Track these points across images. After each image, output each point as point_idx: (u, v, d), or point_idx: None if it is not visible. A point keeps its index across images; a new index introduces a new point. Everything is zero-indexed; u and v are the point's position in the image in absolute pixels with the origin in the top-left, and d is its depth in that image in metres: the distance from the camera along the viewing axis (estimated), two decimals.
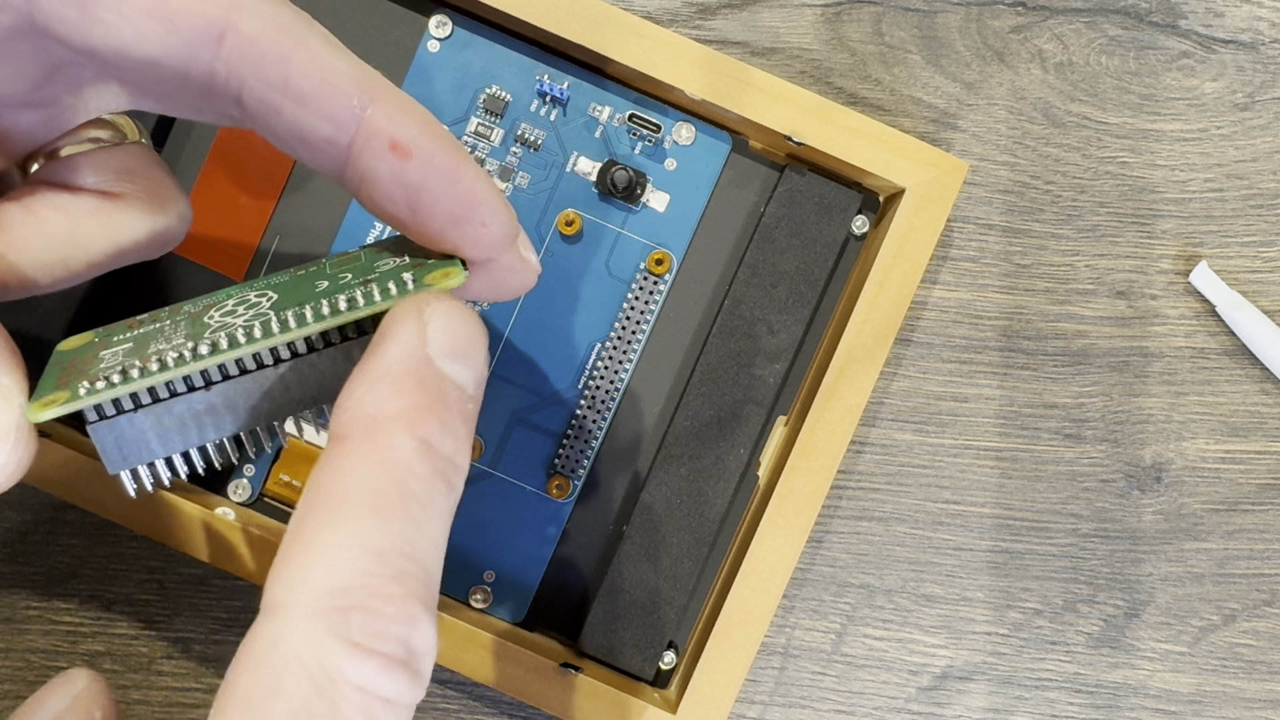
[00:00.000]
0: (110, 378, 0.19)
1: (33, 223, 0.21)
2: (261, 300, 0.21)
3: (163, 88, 0.20)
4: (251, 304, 0.21)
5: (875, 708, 0.33)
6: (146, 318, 0.22)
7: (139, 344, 0.21)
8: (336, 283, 0.21)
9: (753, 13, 0.33)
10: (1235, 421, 0.33)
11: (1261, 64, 0.33)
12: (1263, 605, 0.33)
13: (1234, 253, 0.33)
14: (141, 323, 0.22)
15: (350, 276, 0.21)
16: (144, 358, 0.20)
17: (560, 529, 0.32)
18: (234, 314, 0.21)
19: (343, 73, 0.19)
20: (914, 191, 0.30)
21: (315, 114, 0.19)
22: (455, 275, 0.20)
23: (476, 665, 0.30)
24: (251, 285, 0.22)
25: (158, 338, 0.21)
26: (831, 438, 0.30)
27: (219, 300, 0.22)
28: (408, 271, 0.20)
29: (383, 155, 0.19)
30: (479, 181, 0.20)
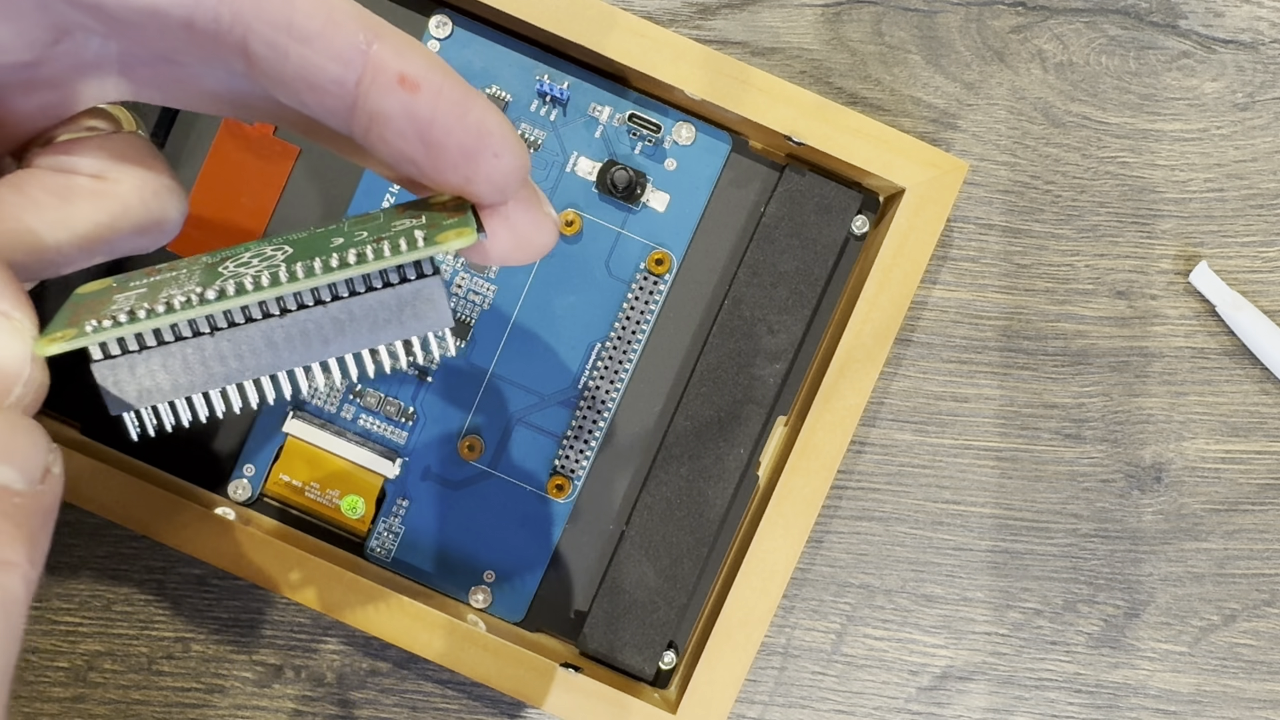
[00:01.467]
0: (117, 317, 0.19)
1: (24, 204, 0.20)
2: (276, 253, 0.21)
3: (168, 48, 0.20)
4: (267, 256, 0.21)
5: (875, 708, 0.33)
6: (165, 266, 0.22)
7: (153, 289, 0.21)
8: (351, 239, 0.21)
9: (753, 13, 0.33)
10: (1235, 421, 0.33)
11: (1261, 64, 0.33)
12: (1263, 605, 0.33)
13: (1234, 253, 0.33)
14: (159, 270, 0.22)
15: (365, 234, 0.21)
16: (154, 301, 0.20)
17: (560, 529, 0.32)
18: (248, 265, 0.21)
19: (345, 11, 0.19)
20: (914, 191, 0.30)
21: (322, 53, 0.19)
22: (468, 234, 0.20)
23: (476, 665, 0.30)
24: (269, 240, 0.22)
25: (171, 284, 0.21)
26: (831, 438, 0.30)
27: (236, 253, 0.22)
28: (420, 230, 0.20)
29: (392, 90, 0.19)
30: (489, 112, 0.19)
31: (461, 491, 0.32)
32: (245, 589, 0.33)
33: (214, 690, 0.33)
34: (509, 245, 0.21)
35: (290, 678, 0.33)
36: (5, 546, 0.17)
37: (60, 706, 0.33)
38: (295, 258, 0.21)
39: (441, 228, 0.20)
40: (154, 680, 0.33)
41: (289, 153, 0.32)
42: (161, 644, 0.33)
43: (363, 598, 0.30)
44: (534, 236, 0.21)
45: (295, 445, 0.31)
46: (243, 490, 0.32)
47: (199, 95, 0.21)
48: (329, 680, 0.33)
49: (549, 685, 0.30)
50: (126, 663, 0.33)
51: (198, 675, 0.33)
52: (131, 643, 0.33)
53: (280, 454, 0.31)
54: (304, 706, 0.33)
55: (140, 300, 0.20)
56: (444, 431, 0.32)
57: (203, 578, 0.33)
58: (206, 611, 0.33)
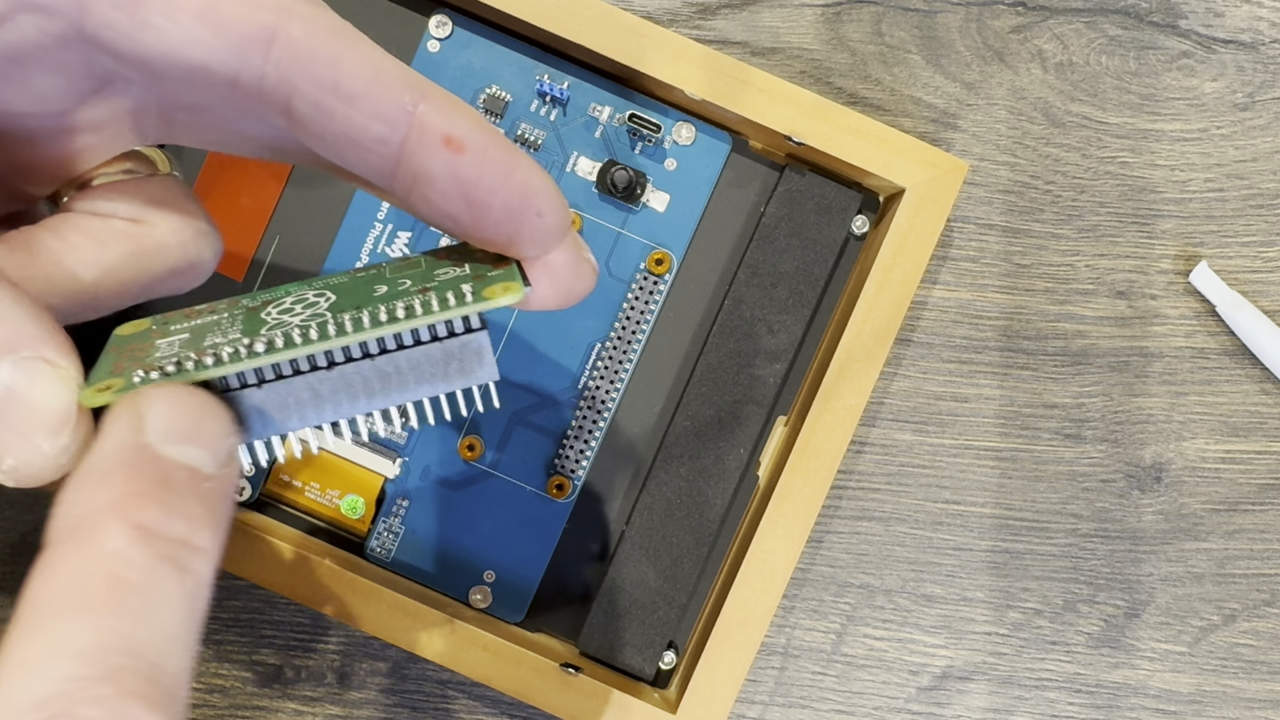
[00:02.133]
0: (165, 368, 0.19)
1: (63, 249, 0.20)
2: (319, 300, 0.21)
3: (210, 101, 0.20)
4: (309, 303, 0.21)
5: (875, 708, 0.33)
6: (205, 308, 0.22)
7: (195, 335, 0.21)
8: (395, 288, 0.21)
9: (753, 13, 0.33)
10: (1235, 421, 0.33)
11: (1261, 64, 0.33)
12: (1263, 605, 0.33)
13: (1234, 253, 0.33)
14: (199, 313, 0.22)
15: (409, 283, 0.21)
16: (199, 351, 0.20)
17: (560, 529, 0.32)
18: (291, 312, 0.21)
19: (391, 72, 0.19)
20: (914, 191, 0.30)
21: (367, 113, 0.19)
22: (515, 289, 0.20)
23: (476, 665, 0.30)
24: (309, 284, 0.22)
25: (214, 330, 0.21)
26: (831, 438, 0.30)
27: (277, 297, 0.22)
28: (467, 283, 0.20)
29: (437, 151, 0.19)
30: (533, 172, 0.19)
31: (461, 491, 0.32)
32: (245, 589, 0.33)
33: (214, 690, 0.33)
34: (551, 295, 0.21)
35: (290, 678, 0.33)
36: (197, 531, 0.18)
37: None
38: (340, 307, 0.20)
39: (488, 280, 0.20)
40: None
41: None
42: None
43: (363, 598, 0.30)
44: (575, 284, 0.21)
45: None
46: (243, 490, 0.32)
47: (235, 140, 0.21)
48: (329, 680, 0.33)
49: (549, 685, 0.30)
50: None
51: (198, 675, 0.33)
52: None
53: None
54: (304, 706, 0.33)
55: (185, 348, 0.20)
56: (444, 431, 0.32)
57: None
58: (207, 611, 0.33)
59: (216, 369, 0.19)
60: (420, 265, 0.22)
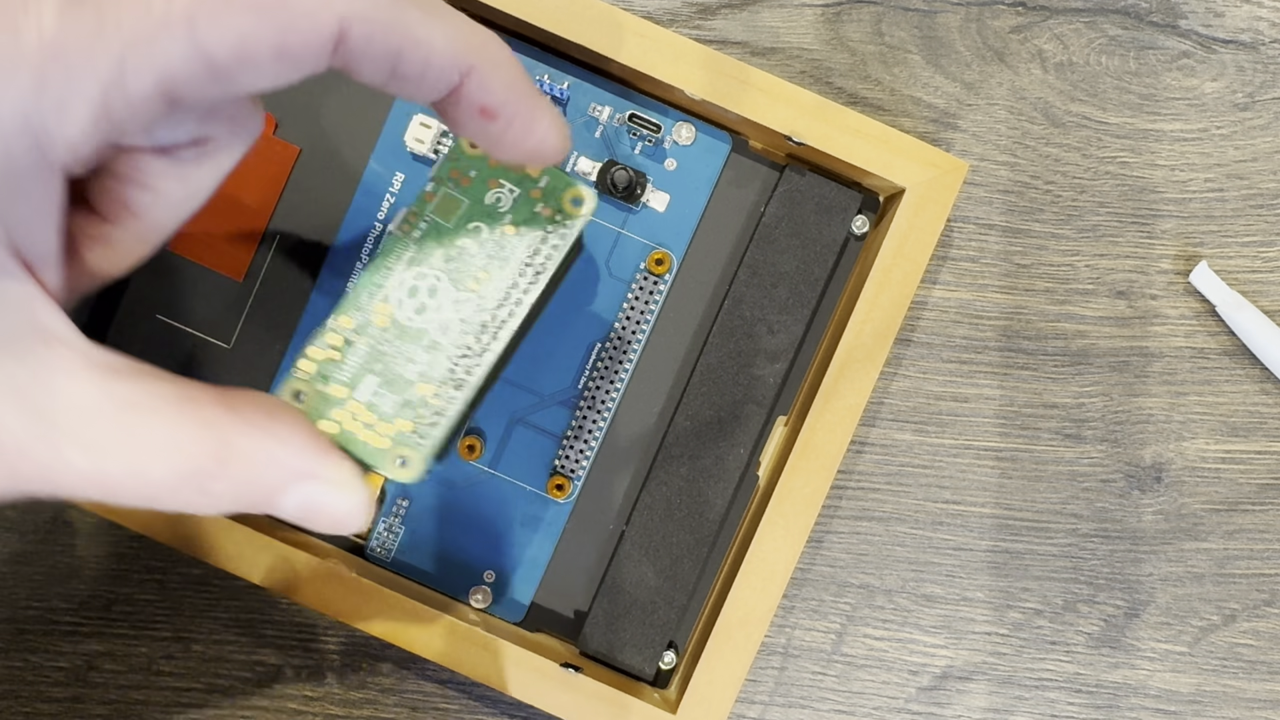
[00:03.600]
0: (419, 446, 0.23)
1: (153, 200, 0.21)
2: (437, 280, 0.24)
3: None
4: (432, 285, 0.24)
5: (875, 708, 0.33)
6: (332, 348, 0.24)
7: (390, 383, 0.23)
8: (494, 229, 0.24)
9: (753, 13, 0.33)
10: (1235, 421, 0.33)
11: (1261, 64, 0.33)
12: (1263, 605, 0.33)
13: (1234, 253, 0.33)
14: (340, 351, 0.24)
15: (485, 230, 0.24)
16: (422, 418, 0.23)
17: (560, 529, 0.32)
18: (424, 309, 0.23)
19: (443, 52, 0.20)
20: (914, 191, 0.30)
21: (417, 90, 0.21)
22: (589, 202, 0.25)
23: (476, 665, 0.30)
24: (382, 268, 0.24)
25: (397, 360, 0.23)
26: (831, 438, 0.30)
27: (376, 289, 0.24)
28: (541, 204, 0.24)
29: (472, 116, 0.22)
30: (551, 128, 0.22)
31: (461, 491, 0.32)
32: (245, 589, 0.33)
33: (214, 690, 0.33)
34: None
35: (290, 678, 0.33)
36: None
37: (60, 706, 0.33)
38: (461, 277, 0.24)
39: (549, 196, 0.24)
40: (154, 680, 0.33)
41: (289, 153, 0.32)
42: (161, 644, 0.33)
43: (363, 598, 0.30)
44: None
45: None
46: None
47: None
48: (329, 680, 0.33)
49: (549, 685, 0.30)
50: (126, 663, 0.33)
51: (198, 675, 0.33)
52: (131, 643, 0.33)
53: None
54: (304, 706, 0.33)
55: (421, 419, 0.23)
56: None
57: (203, 578, 0.33)
58: (206, 611, 0.33)
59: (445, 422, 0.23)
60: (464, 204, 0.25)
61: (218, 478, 0.19)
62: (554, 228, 0.24)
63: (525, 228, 0.24)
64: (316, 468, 0.20)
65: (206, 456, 0.19)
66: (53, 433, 0.18)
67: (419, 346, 0.23)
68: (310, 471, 0.20)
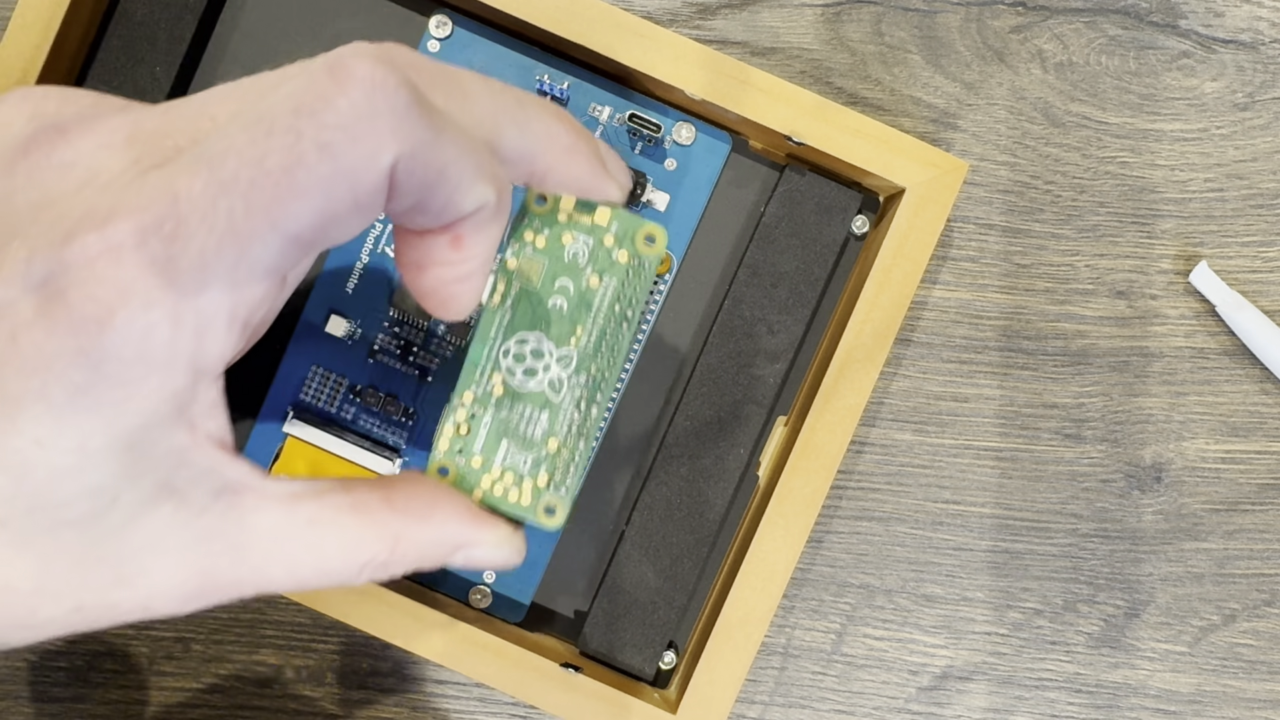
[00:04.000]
0: (561, 496, 0.26)
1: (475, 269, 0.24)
2: (539, 343, 0.26)
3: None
4: (535, 348, 0.26)
5: (875, 708, 0.33)
6: (460, 424, 0.26)
7: (520, 444, 0.26)
8: (579, 282, 0.26)
9: (753, 13, 0.33)
10: (1235, 421, 0.33)
11: (1261, 64, 0.33)
12: (1263, 605, 0.33)
13: (1234, 253, 0.33)
14: (468, 425, 0.26)
15: (571, 285, 0.26)
16: (553, 464, 0.25)
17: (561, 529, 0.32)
18: (533, 372, 0.26)
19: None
20: (914, 191, 0.30)
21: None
22: (660, 238, 0.25)
23: (476, 665, 0.30)
24: (485, 339, 0.26)
25: (521, 423, 0.26)
26: (831, 438, 0.30)
27: (486, 362, 0.26)
28: (616, 250, 0.26)
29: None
30: (613, 192, 0.24)
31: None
32: None
33: (214, 690, 0.33)
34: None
35: (290, 678, 0.33)
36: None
37: (60, 706, 0.33)
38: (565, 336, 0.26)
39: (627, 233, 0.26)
40: (154, 680, 0.33)
41: None
42: (161, 644, 0.33)
43: (363, 598, 0.30)
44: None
45: (295, 445, 0.31)
46: None
47: None
48: (329, 680, 0.33)
49: (549, 685, 0.30)
50: (126, 663, 0.33)
51: (198, 675, 0.33)
52: (131, 643, 0.33)
53: (280, 454, 0.31)
54: (304, 706, 0.33)
55: (556, 471, 0.26)
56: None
57: None
58: (206, 611, 0.33)
59: (580, 472, 0.26)
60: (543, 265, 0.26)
61: (392, 565, 0.23)
62: (633, 270, 0.26)
63: (607, 275, 0.26)
64: (474, 537, 0.24)
65: (382, 551, 0.23)
66: (253, 560, 0.22)
67: (537, 407, 0.26)
68: (469, 541, 0.24)
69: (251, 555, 0.22)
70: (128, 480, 0.20)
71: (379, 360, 0.32)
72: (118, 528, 0.20)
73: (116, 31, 0.31)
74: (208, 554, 0.21)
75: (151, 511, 0.20)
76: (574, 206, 0.26)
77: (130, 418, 0.19)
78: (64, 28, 0.30)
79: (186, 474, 0.21)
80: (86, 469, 0.19)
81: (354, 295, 0.32)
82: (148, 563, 0.21)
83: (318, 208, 0.19)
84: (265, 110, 0.19)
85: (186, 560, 0.21)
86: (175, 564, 0.21)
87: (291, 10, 0.32)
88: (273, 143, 0.19)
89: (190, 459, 0.21)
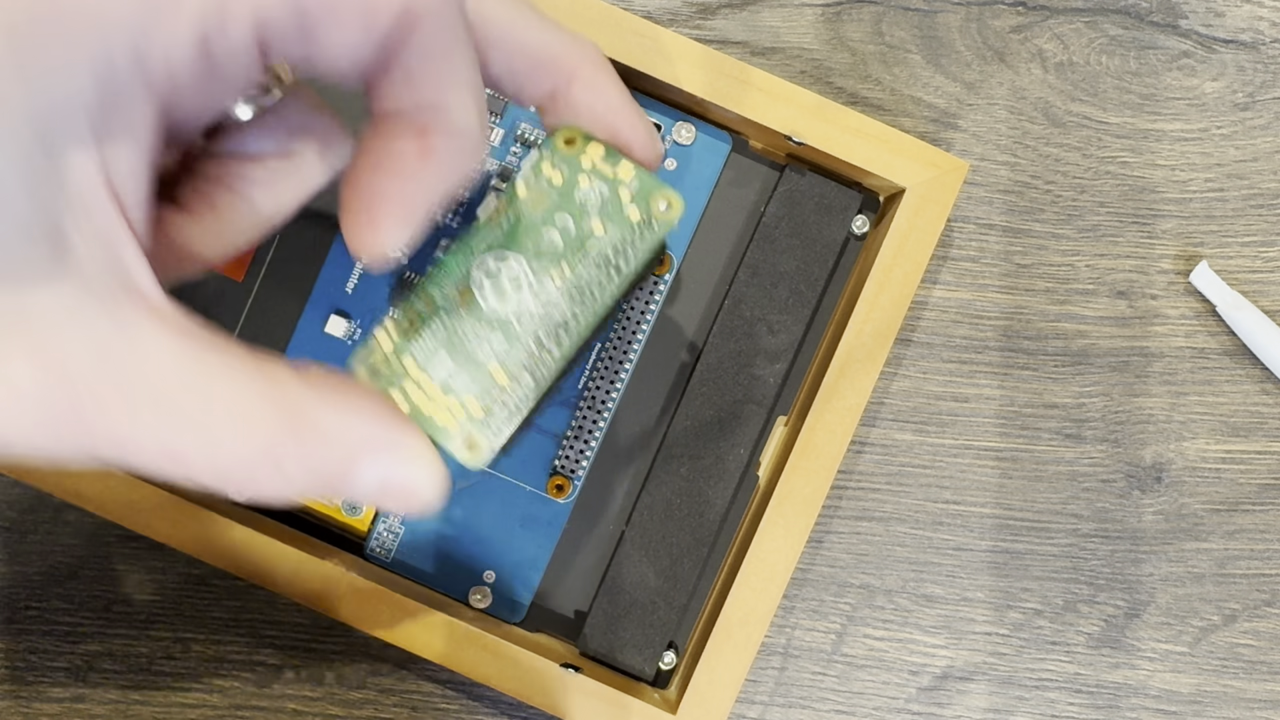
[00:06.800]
0: (489, 432, 0.23)
1: (239, 203, 0.21)
2: (520, 268, 0.24)
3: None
4: (515, 274, 0.24)
5: (875, 708, 0.33)
6: (410, 323, 0.24)
7: (464, 363, 0.24)
8: (580, 225, 0.25)
9: (753, 13, 0.33)
10: (1235, 421, 0.33)
11: (1261, 64, 0.33)
12: (1263, 605, 0.33)
13: (1234, 253, 0.33)
14: (417, 327, 0.24)
15: (572, 224, 0.25)
16: (490, 397, 0.23)
17: (560, 529, 0.32)
18: (505, 296, 0.24)
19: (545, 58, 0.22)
20: (914, 191, 0.30)
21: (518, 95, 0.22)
22: (677, 206, 0.25)
23: (476, 665, 0.30)
24: (467, 251, 0.24)
25: (472, 342, 0.24)
26: (831, 438, 0.30)
27: (460, 271, 0.24)
28: (629, 205, 0.25)
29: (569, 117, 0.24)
30: (625, 115, 0.24)
31: (461, 491, 0.32)
32: (245, 589, 0.33)
33: (214, 690, 0.33)
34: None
35: (290, 678, 0.33)
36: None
37: (60, 706, 0.33)
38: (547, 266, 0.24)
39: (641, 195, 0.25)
40: (154, 680, 0.33)
41: None
42: (161, 644, 0.33)
43: (363, 598, 0.30)
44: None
45: None
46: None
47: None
48: (329, 680, 0.33)
49: (549, 685, 0.30)
50: (126, 663, 0.33)
51: (198, 675, 0.33)
52: (131, 643, 0.33)
53: None
54: (304, 706, 0.33)
55: (492, 406, 0.23)
56: None
57: (203, 578, 0.33)
58: (206, 611, 0.33)
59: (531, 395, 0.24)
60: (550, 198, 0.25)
61: (292, 452, 0.18)
62: (640, 229, 0.25)
63: (612, 226, 0.24)
64: (393, 438, 0.20)
65: (281, 428, 0.18)
66: (129, 390, 0.16)
67: (496, 332, 0.24)
68: (386, 443, 0.20)
69: (126, 384, 0.16)
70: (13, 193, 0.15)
71: None
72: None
73: None
74: (78, 355, 0.16)
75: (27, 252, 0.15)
76: (602, 157, 0.25)
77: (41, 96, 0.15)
78: None
79: (82, 226, 0.16)
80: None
81: (354, 295, 0.32)
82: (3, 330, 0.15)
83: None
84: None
85: (53, 349, 0.16)
86: (37, 346, 0.16)
87: None
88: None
89: (92, 206, 0.16)
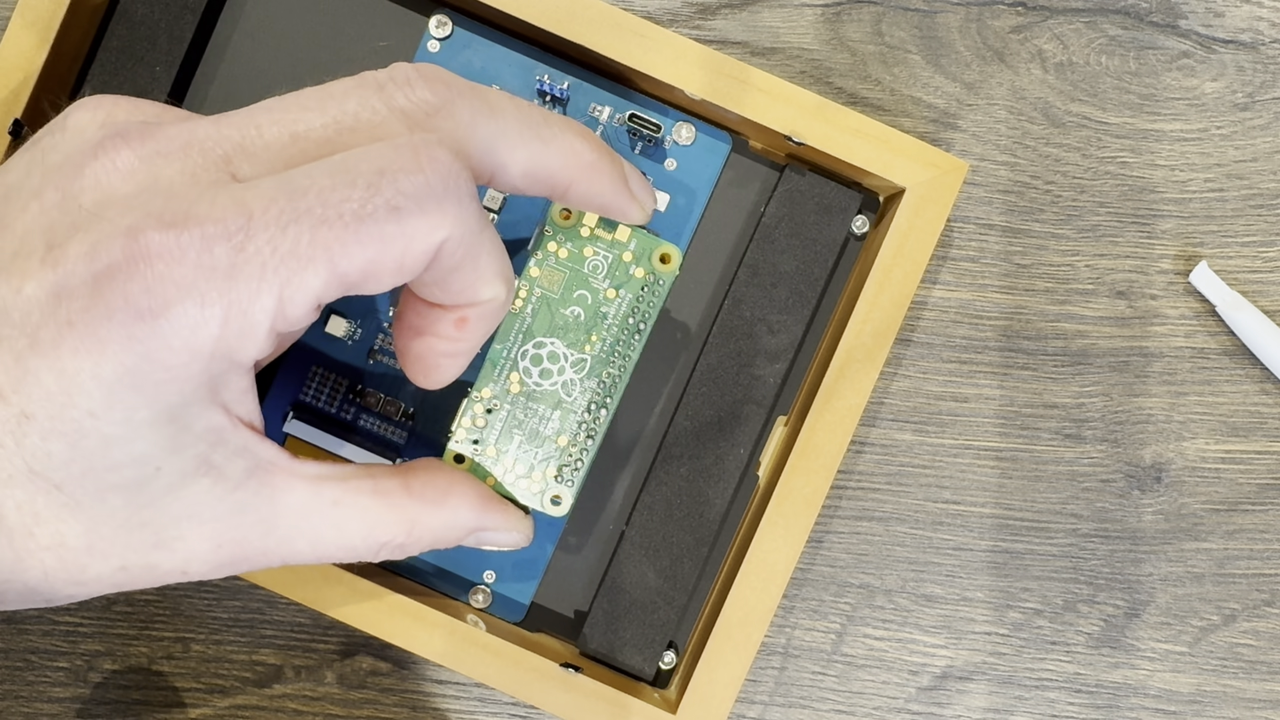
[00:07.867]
0: (568, 488, 0.29)
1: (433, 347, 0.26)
2: (554, 347, 0.29)
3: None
4: (551, 352, 0.29)
5: (875, 708, 0.33)
6: (477, 418, 0.29)
7: (532, 439, 0.29)
8: (596, 293, 0.29)
9: (753, 13, 0.33)
10: (1235, 421, 0.33)
11: (1261, 64, 0.33)
12: (1263, 605, 0.33)
13: (1234, 253, 0.33)
14: (485, 419, 0.29)
15: (589, 296, 0.29)
16: (561, 460, 0.29)
17: (560, 529, 0.32)
18: (548, 374, 0.29)
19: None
20: (914, 191, 0.30)
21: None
22: (674, 258, 0.29)
23: (476, 665, 0.30)
24: (504, 340, 0.29)
25: (534, 421, 0.29)
26: (831, 438, 0.30)
27: (503, 361, 0.29)
28: (634, 267, 0.29)
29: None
30: (618, 199, 0.26)
31: None
32: (245, 589, 0.33)
33: (214, 690, 0.33)
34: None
35: (290, 678, 0.33)
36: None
37: (60, 706, 0.33)
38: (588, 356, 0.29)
39: (641, 255, 0.29)
40: (154, 680, 0.33)
41: None
42: (161, 644, 0.33)
43: (363, 598, 0.30)
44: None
45: (295, 446, 0.31)
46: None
47: None
48: (329, 680, 0.33)
49: (549, 685, 0.30)
50: (126, 663, 0.33)
51: (198, 675, 0.33)
52: (131, 643, 0.33)
53: None
54: (304, 706, 0.33)
55: (564, 466, 0.29)
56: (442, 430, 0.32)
57: None
58: (206, 611, 0.33)
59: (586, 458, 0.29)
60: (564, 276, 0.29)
61: (408, 546, 0.26)
62: (648, 286, 0.29)
63: (624, 289, 0.29)
64: (485, 522, 0.27)
65: (399, 534, 0.25)
66: (283, 536, 0.24)
67: (550, 406, 0.29)
68: (481, 526, 0.27)
69: (279, 529, 0.24)
70: (169, 452, 0.22)
71: (379, 360, 0.32)
72: (160, 495, 0.22)
73: (116, 31, 0.31)
74: (240, 525, 0.24)
75: (191, 483, 0.23)
76: (596, 223, 0.28)
77: (172, 396, 0.22)
78: (64, 28, 0.30)
79: (223, 451, 0.23)
80: (133, 439, 0.22)
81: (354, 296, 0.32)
82: (186, 530, 0.23)
83: (371, 257, 0.22)
84: (352, 162, 0.22)
85: (221, 529, 0.23)
86: (211, 532, 0.23)
87: (291, 10, 0.32)
88: (353, 192, 0.21)
89: (226, 438, 0.23)
